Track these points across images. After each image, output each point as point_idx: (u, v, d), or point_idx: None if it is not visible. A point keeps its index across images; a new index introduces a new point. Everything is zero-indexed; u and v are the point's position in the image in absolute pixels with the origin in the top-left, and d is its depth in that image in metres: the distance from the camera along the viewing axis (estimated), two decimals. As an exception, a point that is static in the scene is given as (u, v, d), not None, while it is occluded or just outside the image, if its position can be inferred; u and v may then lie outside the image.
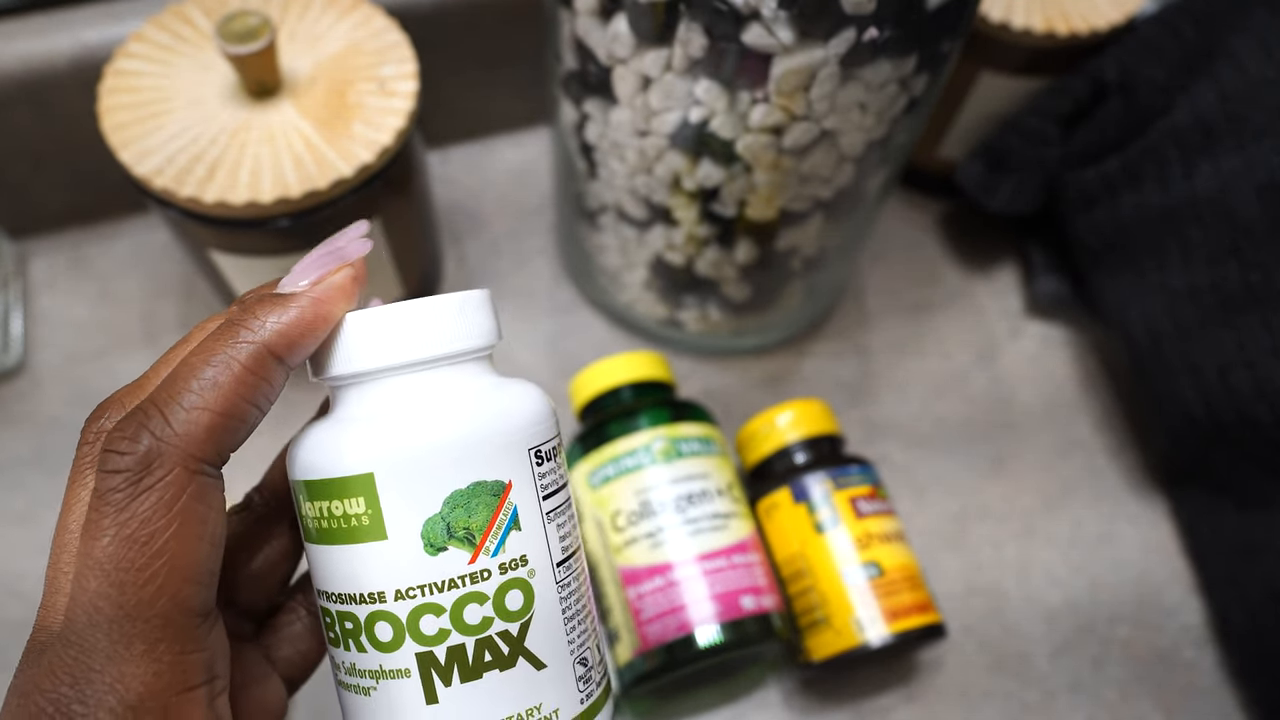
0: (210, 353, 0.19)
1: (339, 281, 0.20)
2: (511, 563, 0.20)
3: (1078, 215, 0.45)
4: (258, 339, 0.19)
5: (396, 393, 0.21)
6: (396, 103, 0.36)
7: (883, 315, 0.49)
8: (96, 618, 0.17)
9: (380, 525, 0.20)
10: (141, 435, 0.18)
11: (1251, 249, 0.37)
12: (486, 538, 0.20)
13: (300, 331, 0.20)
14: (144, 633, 0.18)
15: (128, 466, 0.18)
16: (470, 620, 0.20)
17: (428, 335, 0.21)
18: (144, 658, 0.17)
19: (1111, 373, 0.48)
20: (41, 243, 0.48)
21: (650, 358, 0.40)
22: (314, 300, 0.20)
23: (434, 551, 0.20)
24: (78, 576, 0.18)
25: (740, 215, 0.37)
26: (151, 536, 0.18)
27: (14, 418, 0.43)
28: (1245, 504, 0.40)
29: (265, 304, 0.20)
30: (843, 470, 0.37)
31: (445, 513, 0.20)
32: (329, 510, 0.20)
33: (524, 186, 0.52)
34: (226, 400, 0.18)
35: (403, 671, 0.20)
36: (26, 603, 0.39)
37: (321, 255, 0.21)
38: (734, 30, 0.29)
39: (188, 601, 0.18)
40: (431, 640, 0.20)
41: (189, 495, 0.18)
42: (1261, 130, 0.37)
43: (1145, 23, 0.42)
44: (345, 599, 0.20)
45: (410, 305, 0.21)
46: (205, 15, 0.38)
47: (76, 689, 0.17)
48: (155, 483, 0.18)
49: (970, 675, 0.40)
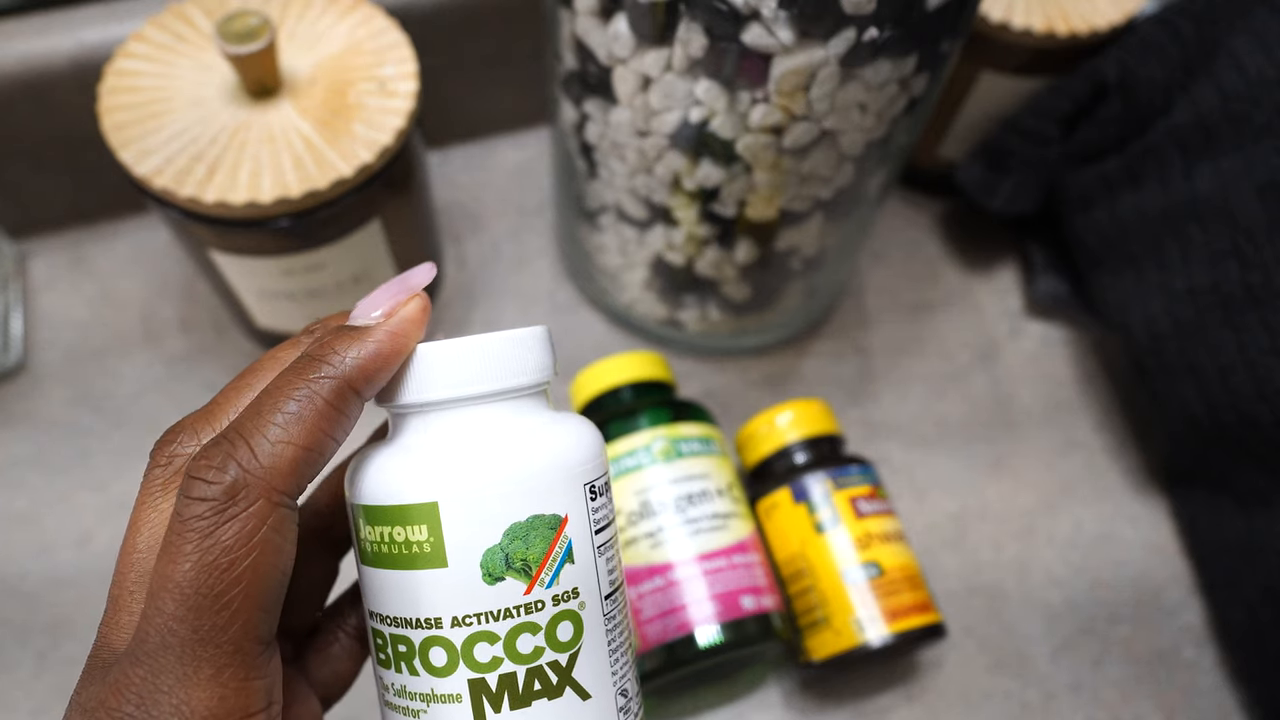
0: (292, 386, 0.19)
1: (411, 314, 0.21)
2: (564, 595, 0.21)
3: (1078, 215, 0.45)
4: (338, 373, 0.19)
5: (461, 424, 0.21)
6: (396, 103, 0.36)
7: (883, 315, 0.49)
8: (170, 639, 0.18)
9: (441, 553, 0.20)
10: (229, 465, 0.18)
11: (1251, 249, 0.37)
12: (542, 570, 0.21)
13: (378, 365, 0.20)
14: (214, 657, 0.18)
15: (214, 495, 0.18)
16: (523, 649, 0.20)
17: (494, 369, 0.21)
18: (211, 682, 0.18)
19: (1111, 373, 0.48)
20: (41, 243, 0.48)
21: (650, 358, 0.40)
22: (390, 334, 0.20)
23: (492, 581, 0.20)
24: (153, 597, 0.18)
25: (740, 215, 0.37)
26: (232, 564, 0.18)
27: (14, 418, 0.43)
28: (1245, 504, 0.40)
29: (343, 338, 0.20)
30: (843, 470, 0.37)
31: (505, 544, 0.20)
32: (390, 535, 0.21)
33: (524, 186, 0.52)
34: (310, 434, 0.19)
35: (454, 697, 0.20)
36: (27, 602, 0.39)
37: (390, 287, 0.21)
38: (734, 30, 0.29)
39: (256, 629, 0.19)
40: (484, 667, 0.20)
41: (269, 526, 0.18)
42: (1261, 130, 0.37)
43: (1145, 23, 0.42)
44: (401, 622, 0.21)
45: (479, 339, 0.21)
46: (205, 15, 0.38)
47: (143, 709, 0.18)
48: (239, 513, 0.18)
49: (970, 675, 0.40)
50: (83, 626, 0.38)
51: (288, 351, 0.21)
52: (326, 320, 0.22)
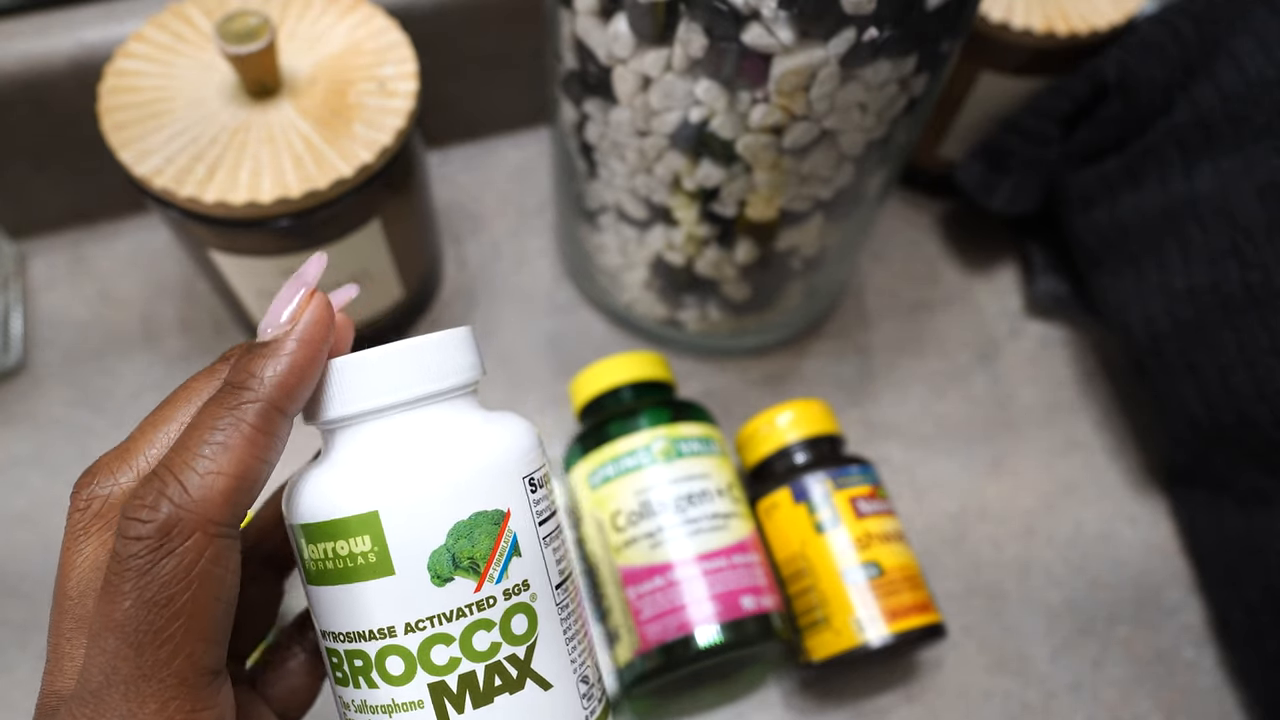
0: (215, 416, 0.19)
1: (316, 317, 0.21)
2: (515, 588, 0.21)
3: (1078, 215, 0.45)
4: (259, 396, 0.19)
5: (392, 431, 0.21)
6: (396, 103, 0.36)
7: (883, 315, 0.49)
8: (114, 677, 0.18)
9: (387, 561, 0.20)
10: (161, 503, 0.18)
11: (1251, 249, 0.37)
12: (490, 565, 0.21)
13: (296, 379, 0.20)
14: (158, 692, 0.18)
15: (149, 534, 0.18)
16: (479, 647, 0.20)
17: (416, 374, 0.21)
18: (157, 716, 0.18)
19: (1111, 373, 0.48)
20: (41, 243, 0.48)
21: (650, 358, 0.40)
22: (300, 342, 0.20)
23: (441, 583, 0.20)
24: (95, 638, 0.18)
25: (740, 215, 0.37)
26: (171, 599, 0.18)
27: (14, 418, 0.43)
28: (1245, 504, 0.40)
29: (256, 358, 0.20)
30: (843, 470, 0.37)
31: (450, 544, 0.20)
32: (333, 551, 0.21)
33: (524, 186, 0.52)
34: (239, 462, 0.19)
35: (416, 704, 0.20)
36: (27, 603, 0.39)
37: (287, 290, 0.21)
38: (734, 30, 0.29)
39: (201, 660, 0.19)
40: (443, 670, 0.20)
41: (206, 559, 0.18)
42: (1261, 130, 0.37)
43: (1145, 23, 0.42)
44: (354, 637, 0.21)
45: (397, 346, 0.21)
46: (205, 15, 0.38)
47: None
48: (175, 548, 0.18)
49: (970, 675, 0.40)
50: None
51: (201, 382, 0.21)
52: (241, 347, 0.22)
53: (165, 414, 0.21)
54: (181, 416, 0.21)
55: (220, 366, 0.21)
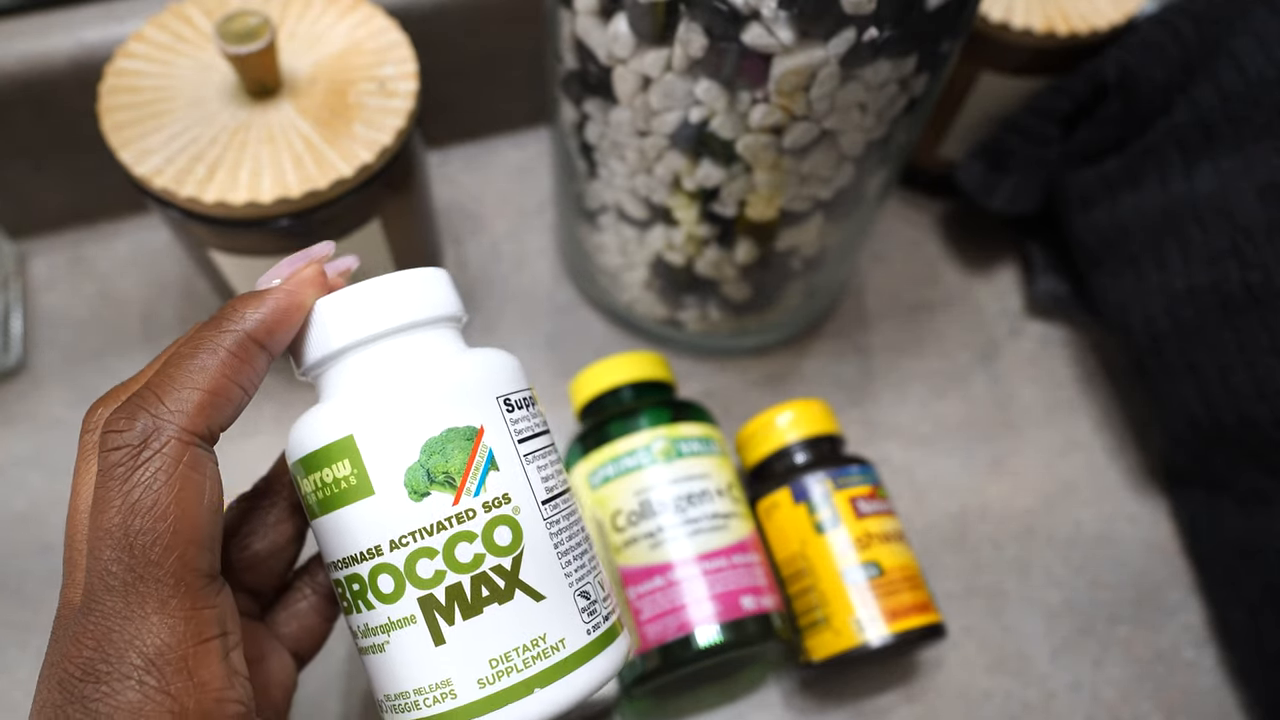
0: (196, 343, 0.21)
1: (307, 276, 0.23)
2: (494, 501, 0.22)
3: (1078, 215, 0.45)
4: (239, 328, 0.21)
5: (367, 363, 0.22)
6: (396, 103, 0.36)
7: (883, 315, 0.49)
8: (111, 583, 0.19)
9: (366, 482, 0.21)
10: (138, 415, 0.20)
11: (1251, 249, 0.37)
12: (466, 479, 0.21)
13: (276, 319, 0.22)
14: (155, 592, 0.19)
15: (128, 443, 0.19)
16: (462, 558, 0.21)
17: (386, 307, 0.22)
18: (158, 614, 0.19)
19: (1111, 373, 0.48)
20: (41, 243, 0.48)
21: (650, 358, 0.40)
22: (286, 291, 0.22)
23: (418, 498, 0.21)
24: (91, 549, 0.19)
25: (740, 215, 0.37)
26: (155, 502, 0.19)
27: (14, 418, 0.43)
28: (1245, 504, 0.40)
29: (244, 299, 0.22)
30: (843, 470, 0.37)
31: (424, 460, 0.21)
32: (321, 480, 0.22)
33: (524, 186, 0.52)
34: (214, 381, 0.20)
35: (409, 619, 0.21)
36: (27, 603, 0.39)
37: (291, 258, 0.23)
38: (734, 30, 0.29)
39: (193, 562, 0.19)
40: (429, 583, 0.21)
41: (185, 464, 0.19)
42: (1261, 130, 0.37)
43: (1145, 23, 0.42)
44: (349, 561, 0.22)
45: (367, 283, 0.22)
46: (205, 15, 0.38)
47: (100, 650, 0.19)
48: (153, 454, 0.19)
49: (970, 675, 0.40)
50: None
51: None
52: None
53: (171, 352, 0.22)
54: None
55: None
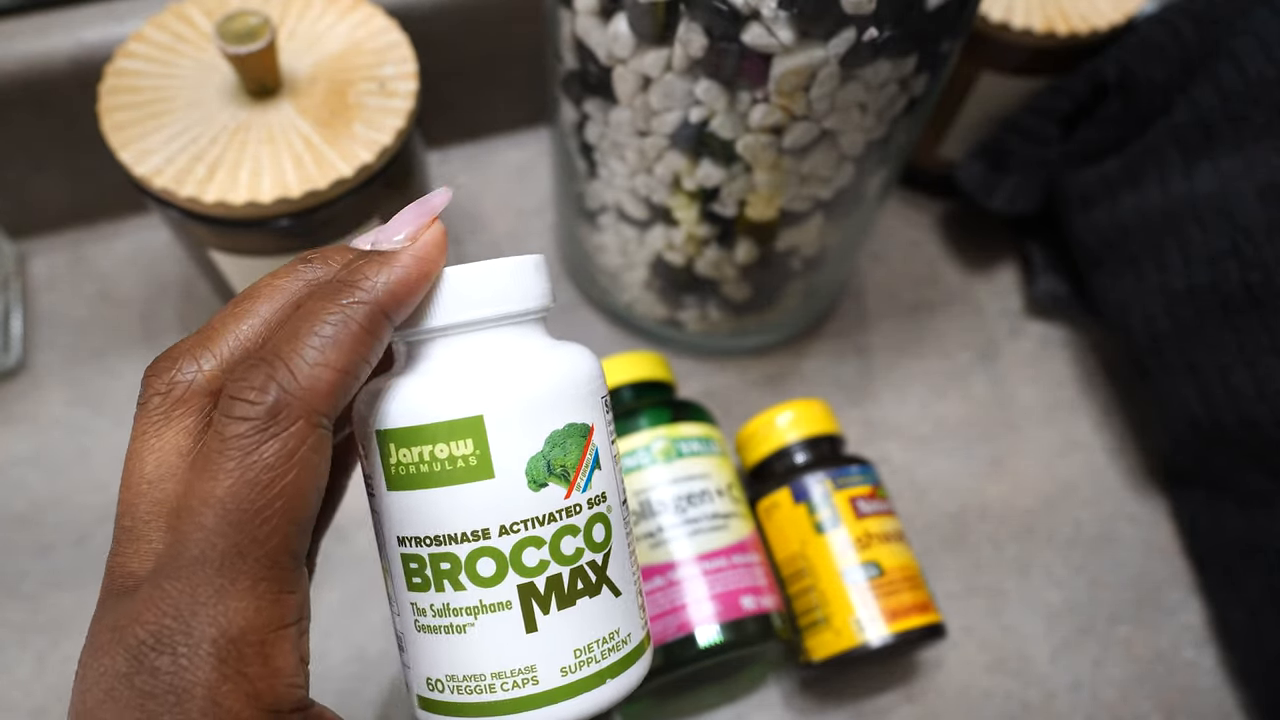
0: (326, 310, 0.19)
1: (435, 238, 0.21)
2: (596, 498, 0.22)
3: (1078, 215, 0.45)
4: (370, 298, 0.20)
5: (493, 343, 0.22)
6: (396, 103, 0.36)
7: (883, 315, 0.49)
8: (209, 553, 0.18)
9: (488, 464, 0.21)
10: (270, 386, 0.18)
11: (1251, 249, 0.37)
12: (578, 475, 0.22)
13: (407, 289, 0.20)
14: (252, 570, 0.18)
15: (256, 415, 0.18)
16: (566, 551, 0.22)
17: (514, 291, 0.22)
18: (248, 594, 0.18)
19: (1111, 373, 0.48)
20: (41, 243, 0.48)
21: (650, 358, 0.40)
22: (416, 258, 0.21)
23: (536, 488, 0.21)
24: (190, 513, 0.18)
25: (740, 215, 0.37)
26: (272, 481, 0.18)
27: (14, 418, 0.43)
28: (1245, 504, 0.40)
29: (373, 263, 0.20)
30: (843, 470, 0.37)
31: (546, 451, 0.21)
32: (430, 454, 0.21)
33: (524, 186, 0.52)
34: (346, 357, 0.19)
35: (504, 604, 0.21)
36: (27, 603, 0.39)
37: (410, 211, 0.22)
38: (734, 30, 0.29)
39: (292, 544, 0.19)
40: (533, 571, 0.21)
41: (308, 446, 0.19)
42: (1261, 130, 0.37)
43: (1145, 23, 0.42)
44: (443, 539, 0.21)
45: (498, 263, 0.22)
46: (205, 15, 0.38)
47: (180, 620, 0.18)
48: (280, 432, 0.18)
49: (970, 675, 0.40)
50: (82, 627, 0.38)
51: (284, 279, 0.21)
52: (325, 251, 0.22)
53: (247, 306, 0.21)
54: (263, 310, 0.21)
55: (302, 266, 0.22)
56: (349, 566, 0.40)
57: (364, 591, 0.39)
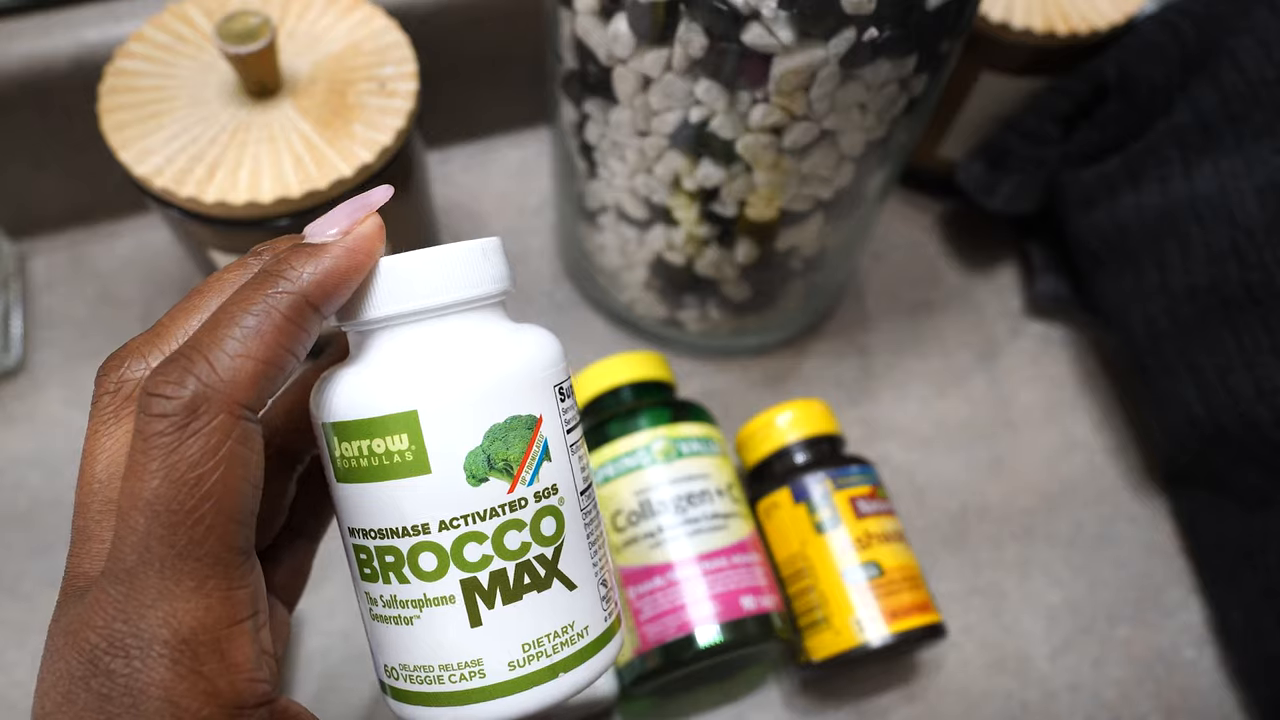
0: (249, 301, 0.19)
1: (368, 230, 0.21)
2: (545, 491, 0.22)
3: (1078, 215, 0.45)
4: (295, 289, 0.19)
5: (431, 334, 0.22)
6: (396, 103, 0.36)
7: (883, 315, 0.49)
8: (147, 556, 0.18)
9: (424, 460, 0.21)
10: (187, 380, 0.18)
11: (1251, 249, 0.37)
12: (523, 468, 0.21)
13: (335, 281, 0.20)
14: (194, 570, 0.18)
15: (174, 410, 0.18)
16: (510, 546, 0.21)
17: (460, 278, 0.22)
18: (194, 593, 0.18)
19: (1111, 373, 0.48)
20: (41, 243, 0.48)
21: (650, 358, 0.40)
22: (347, 250, 0.20)
23: (475, 483, 0.21)
24: (124, 516, 0.18)
25: (740, 215, 0.37)
26: (200, 479, 0.18)
27: (14, 418, 0.43)
28: (1245, 504, 0.40)
29: (300, 254, 0.20)
30: (843, 470, 0.37)
31: (485, 445, 0.21)
32: (369, 449, 0.21)
33: (524, 186, 0.52)
34: (268, 349, 0.19)
35: (447, 598, 0.21)
36: (27, 603, 0.39)
37: (347, 205, 0.21)
38: (734, 30, 0.29)
39: (232, 540, 0.19)
40: (475, 566, 0.21)
41: (234, 440, 0.18)
42: (1261, 130, 0.37)
43: (1145, 23, 0.42)
44: (386, 533, 0.21)
45: (441, 250, 0.22)
46: (205, 15, 0.38)
47: (130, 624, 0.18)
48: (202, 427, 0.18)
49: (970, 675, 0.40)
50: (83, 626, 0.38)
51: (234, 273, 0.21)
52: (276, 243, 0.22)
53: (196, 301, 0.21)
54: (213, 304, 0.20)
55: (251, 259, 0.21)
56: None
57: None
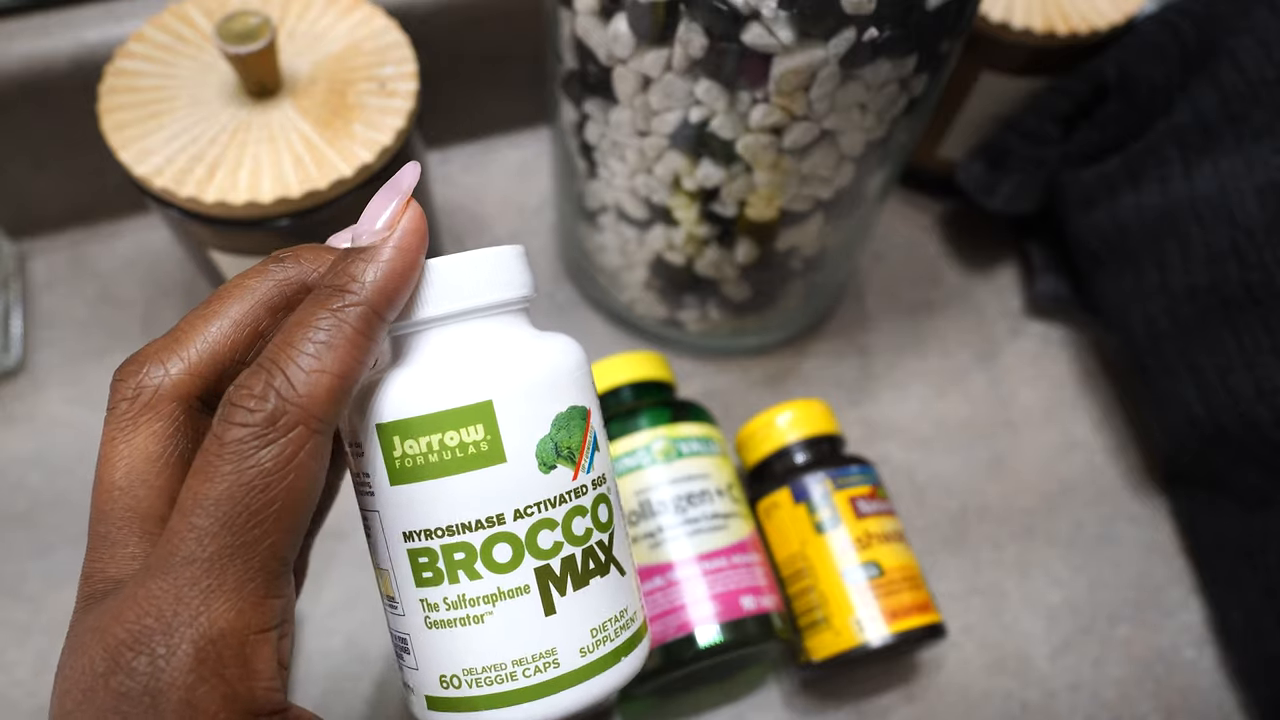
0: (318, 316, 0.19)
1: (413, 224, 0.21)
2: (598, 480, 0.23)
3: (1078, 215, 0.45)
4: (361, 299, 0.20)
5: (487, 331, 0.22)
6: (396, 103, 0.36)
7: (883, 315, 0.49)
8: (199, 553, 0.18)
9: (499, 449, 0.21)
10: (269, 394, 0.19)
11: (1252, 249, 0.37)
12: (583, 455, 0.22)
13: (396, 285, 0.20)
14: (239, 572, 0.18)
15: (256, 422, 0.18)
16: (577, 532, 0.22)
17: (505, 279, 0.23)
18: (233, 595, 0.18)
19: (1111, 373, 0.48)
20: (41, 243, 0.48)
21: (650, 358, 0.40)
22: (398, 249, 0.20)
23: (546, 470, 0.21)
24: (184, 513, 0.18)
25: (740, 215, 0.37)
26: (268, 485, 0.18)
27: (14, 418, 0.43)
28: (1245, 504, 0.40)
29: (357, 261, 0.20)
30: (843, 470, 0.37)
31: (553, 433, 0.22)
32: (441, 443, 0.21)
33: (524, 186, 0.52)
34: (342, 362, 0.19)
35: (522, 589, 0.21)
36: (27, 603, 0.39)
37: (383, 195, 0.21)
38: (734, 30, 0.29)
39: (282, 550, 0.19)
40: (548, 554, 0.21)
41: (306, 452, 0.19)
42: (1261, 130, 0.37)
43: (1145, 23, 0.42)
44: (456, 529, 0.21)
45: (486, 252, 0.22)
46: (205, 15, 0.38)
47: (161, 620, 0.18)
48: (279, 438, 0.19)
49: (970, 675, 0.40)
50: (83, 626, 0.38)
51: (253, 279, 0.21)
52: (298, 249, 0.22)
53: (215, 308, 0.21)
54: (232, 312, 0.21)
55: (272, 266, 0.21)
56: (349, 566, 0.40)
57: (364, 591, 0.39)
